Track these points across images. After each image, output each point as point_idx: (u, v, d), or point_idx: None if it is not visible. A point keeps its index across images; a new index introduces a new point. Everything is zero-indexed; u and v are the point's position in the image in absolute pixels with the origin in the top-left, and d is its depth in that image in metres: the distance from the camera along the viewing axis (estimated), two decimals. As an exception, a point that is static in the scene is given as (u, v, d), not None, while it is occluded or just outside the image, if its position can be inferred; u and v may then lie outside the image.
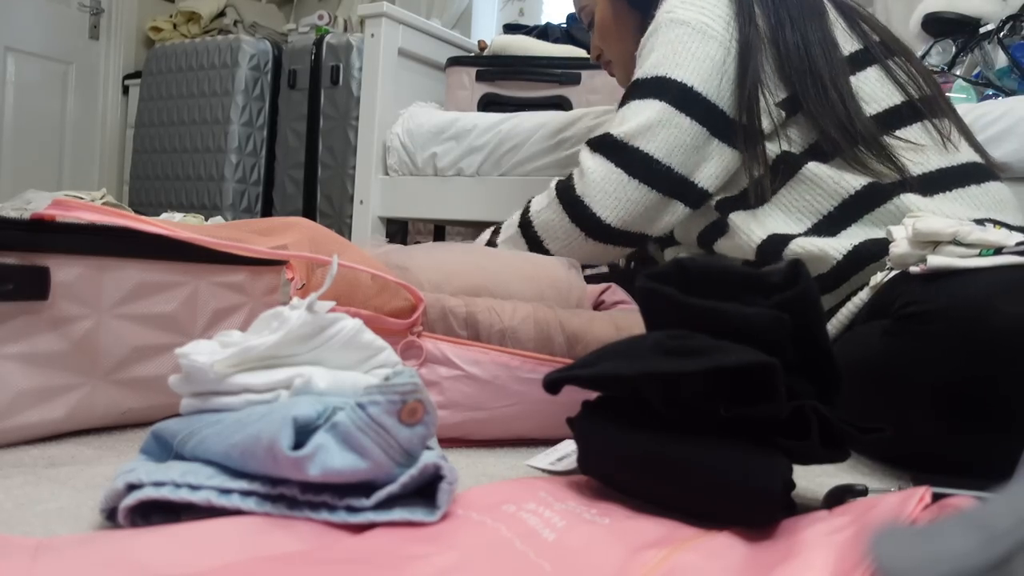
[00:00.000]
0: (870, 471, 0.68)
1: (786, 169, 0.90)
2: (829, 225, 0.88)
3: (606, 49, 1.14)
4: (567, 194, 0.96)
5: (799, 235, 0.88)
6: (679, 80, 0.90)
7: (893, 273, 0.74)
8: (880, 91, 0.90)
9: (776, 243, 0.89)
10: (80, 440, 0.61)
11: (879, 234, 0.84)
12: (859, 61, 0.91)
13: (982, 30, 1.49)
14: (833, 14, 0.94)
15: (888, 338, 0.66)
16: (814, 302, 0.49)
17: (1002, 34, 1.42)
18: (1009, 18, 1.43)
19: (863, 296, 0.79)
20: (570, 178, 0.97)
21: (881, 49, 0.93)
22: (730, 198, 0.94)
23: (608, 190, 0.92)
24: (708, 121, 0.90)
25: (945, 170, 0.87)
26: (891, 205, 0.85)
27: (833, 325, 0.83)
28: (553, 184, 0.99)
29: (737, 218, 0.92)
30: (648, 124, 0.90)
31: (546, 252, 0.98)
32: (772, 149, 0.91)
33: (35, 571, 0.34)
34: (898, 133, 0.88)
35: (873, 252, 0.82)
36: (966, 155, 0.90)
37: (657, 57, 0.92)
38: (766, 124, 0.90)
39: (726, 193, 0.95)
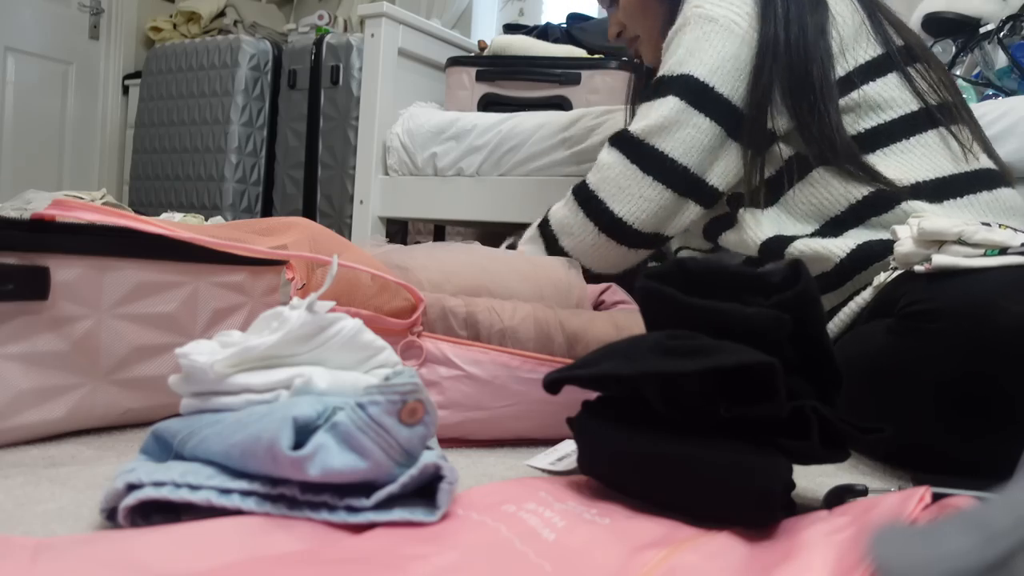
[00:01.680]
0: (870, 471, 0.68)
1: (797, 171, 0.90)
2: (834, 227, 0.89)
3: (631, 25, 1.11)
4: (582, 190, 0.96)
5: (803, 236, 0.88)
6: (701, 79, 0.89)
7: (897, 273, 0.75)
8: (898, 97, 0.90)
9: (779, 243, 0.89)
10: (80, 440, 0.61)
11: (883, 236, 0.84)
12: (879, 66, 0.91)
13: (982, 30, 1.48)
14: (859, 16, 0.93)
15: (892, 336, 0.67)
16: (814, 302, 0.49)
17: (1002, 34, 1.42)
18: (1009, 18, 1.43)
19: (866, 296, 0.79)
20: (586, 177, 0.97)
21: (903, 55, 0.93)
22: (742, 194, 0.95)
23: (622, 185, 0.92)
24: (725, 120, 0.90)
25: (957, 176, 0.87)
26: (898, 210, 0.85)
27: (835, 324, 0.83)
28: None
29: (747, 214, 0.93)
30: (667, 122, 0.90)
31: (562, 252, 0.98)
32: (785, 151, 0.91)
33: (35, 571, 0.34)
34: (913, 139, 0.88)
35: (876, 252, 0.82)
36: (982, 162, 0.90)
37: (682, 54, 0.91)
38: (780, 124, 0.90)
39: (738, 188, 0.95)
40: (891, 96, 0.90)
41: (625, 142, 0.93)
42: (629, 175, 0.92)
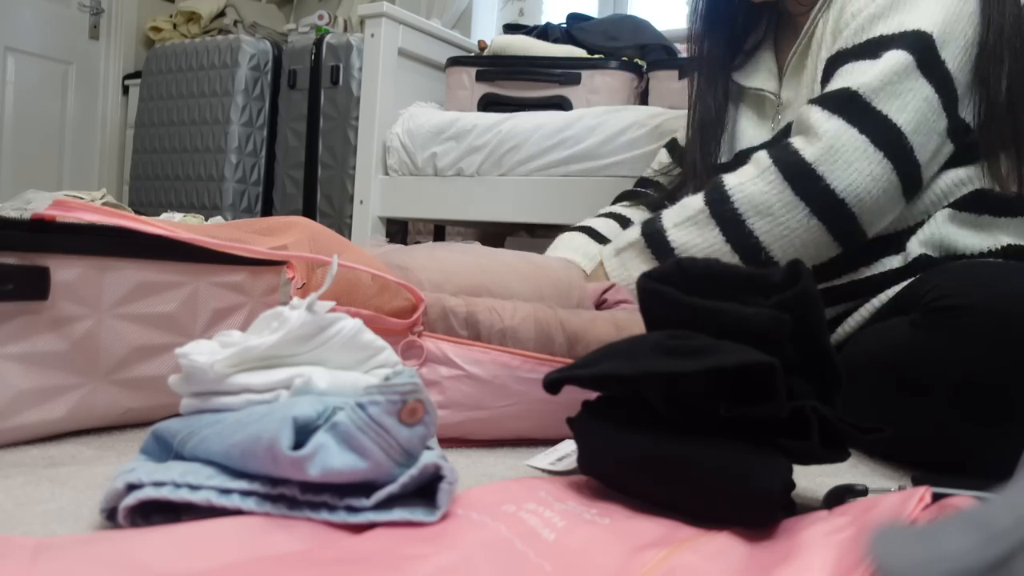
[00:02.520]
0: (870, 471, 0.68)
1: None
2: None
3: None
4: (794, 162, 0.80)
5: None
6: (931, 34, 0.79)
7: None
8: None
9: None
10: (80, 440, 0.61)
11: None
12: None
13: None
14: None
15: (916, 331, 0.65)
16: (814, 302, 0.49)
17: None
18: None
19: (890, 293, 0.78)
20: (787, 147, 0.82)
21: None
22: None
23: (849, 159, 0.78)
24: (944, 91, 0.79)
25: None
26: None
27: (854, 320, 0.82)
28: (763, 154, 0.84)
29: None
30: (891, 78, 0.78)
31: (747, 235, 0.82)
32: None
33: (35, 571, 0.34)
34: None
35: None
36: None
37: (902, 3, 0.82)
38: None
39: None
40: None
41: (849, 107, 0.78)
42: (860, 148, 0.77)
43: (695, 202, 0.87)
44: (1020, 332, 0.59)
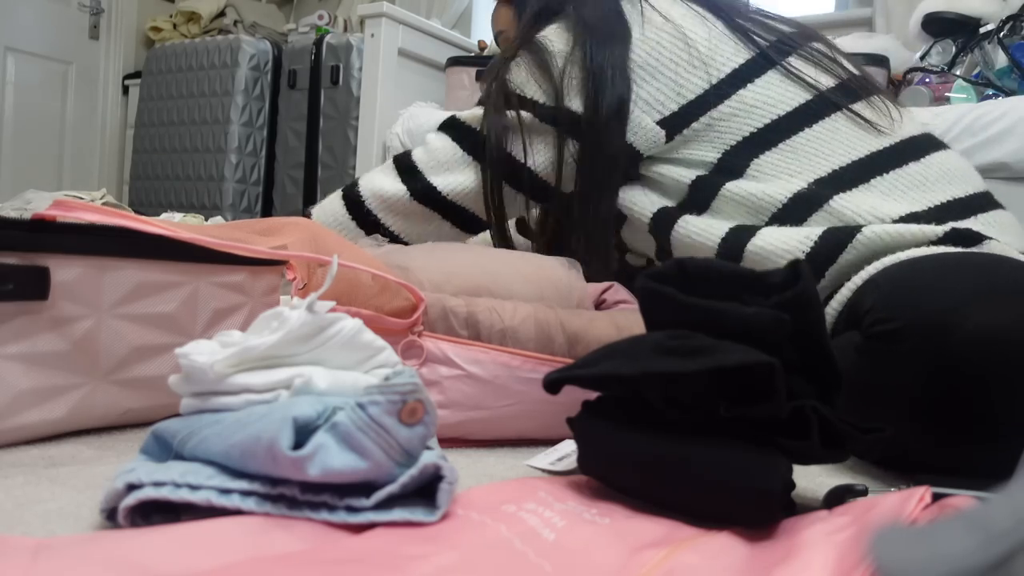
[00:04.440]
0: (870, 471, 0.68)
1: (704, 194, 0.88)
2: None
3: (507, 30, 1.17)
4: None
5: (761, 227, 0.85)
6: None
7: (865, 277, 0.73)
8: (782, 94, 0.87)
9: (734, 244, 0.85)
10: (80, 440, 0.61)
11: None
12: (752, 69, 0.89)
13: (982, 30, 1.49)
14: (714, 28, 0.91)
15: (861, 356, 0.65)
16: (814, 302, 0.49)
17: (1002, 34, 1.42)
18: (1009, 18, 1.44)
19: (835, 305, 0.77)
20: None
21: (775, 50, 0.90)
22: (667, 209, 0.92)
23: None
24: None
25: (879, 152, 0.84)
26: (825, 211, 0.81)
27: None
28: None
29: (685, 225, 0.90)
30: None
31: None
32: (684, 175, 0.90)
33: (35, 571, 0.34)
34: (816, 127, 0.85)
35: (842, 239, 0.78)
36: (906, 131, 0.87)
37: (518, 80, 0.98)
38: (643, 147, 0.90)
39: (664, 202, 0.93)
40: (773, 95, 0.87)
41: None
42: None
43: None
44: (956, 347, 0.57)
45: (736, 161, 0.87)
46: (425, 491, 0.43)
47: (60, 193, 1.24)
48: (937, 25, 1.52)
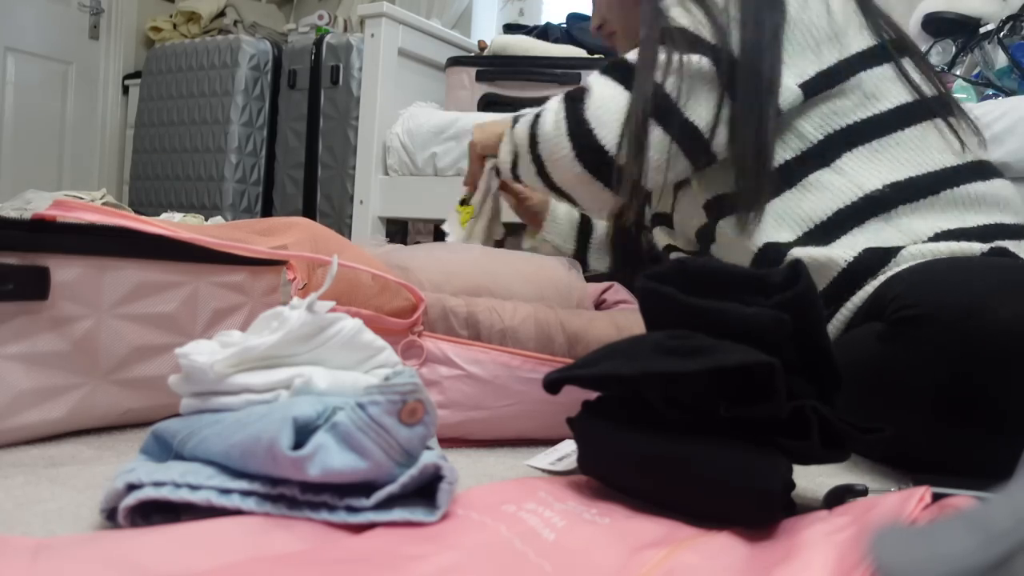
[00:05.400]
0: (870, 471, 0.68)
1: (788, 176, 0.87)
2: (822, 234, 0.85)
3: (611, 19, 1.12)
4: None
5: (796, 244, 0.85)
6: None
7: (889, 274, 0.74)
8: (892, 88, 0.88)
9: (775, 251, 0.86)
10: (80, 440, 0.61)
11: (875, 243, 0.82)
12: (873, 56, 0.89)
13: (982, 30, 1.49)
14: (851, 5, 0.91)
15: (882, 343, 0.66)
16: (814, 302, 0.49)
17: (1002, 34, 1.42)
18: (1009, 18, 1.44)
19: (856, 300, 0.79)
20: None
21: (896, 47, 0.91)
22: (719, 197, 0.92)
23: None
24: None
25: (955, 168, 0.85)
26: (882, 218, 0.82)
27: (830, 328, 0.82)
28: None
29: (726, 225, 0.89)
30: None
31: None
32: (779, 153, 0.88)
33: (35, 571, 0.34)
34: (908, 131, 0.86)
35: (880, 257, 0.79)
36: (979, 154, 0.89)
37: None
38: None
39: (716, 191, 0.92)
40: (885, 87, 0.88)
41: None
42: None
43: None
44: (979, 337, 0.58)
45: (830, 149, 0.87)
46: (425, 491, 0.43)
47: (60, 193, 1.24)
48: (937, 25, 1.52)
